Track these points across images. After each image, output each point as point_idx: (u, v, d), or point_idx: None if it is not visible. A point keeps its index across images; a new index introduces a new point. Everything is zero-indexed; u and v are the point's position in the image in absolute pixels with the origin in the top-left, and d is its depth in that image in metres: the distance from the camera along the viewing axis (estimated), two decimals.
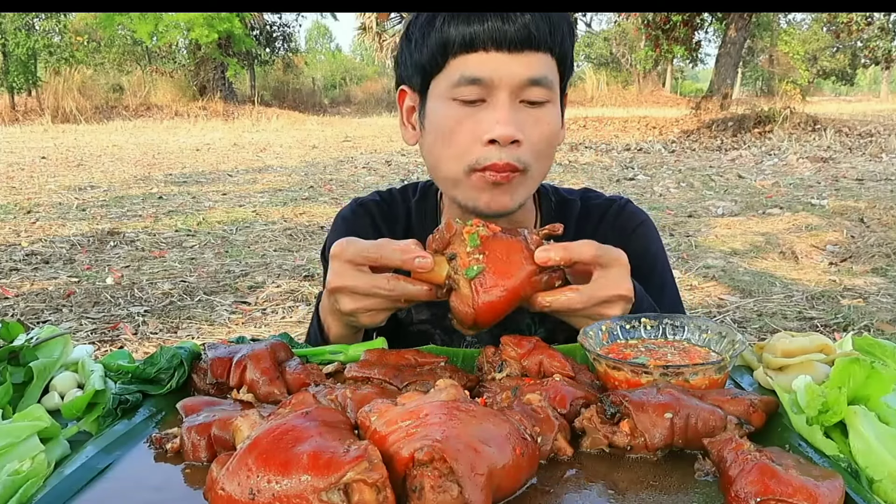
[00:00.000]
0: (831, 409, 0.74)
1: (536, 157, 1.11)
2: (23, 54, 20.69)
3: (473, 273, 0.90)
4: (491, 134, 1.05)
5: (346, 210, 1.38)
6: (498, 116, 1.05)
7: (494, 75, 1.05)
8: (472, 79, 1.06)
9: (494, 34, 1.04)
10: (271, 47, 28.18)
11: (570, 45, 1.14)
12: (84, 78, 21.81)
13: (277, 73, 28.45)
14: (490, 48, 1.05)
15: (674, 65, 35.50)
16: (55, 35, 22.31)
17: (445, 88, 1.09)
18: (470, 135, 1.08)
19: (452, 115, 1.09)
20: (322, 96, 29.51)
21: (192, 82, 24.00)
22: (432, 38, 1.08)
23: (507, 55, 1.05)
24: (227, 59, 23.81)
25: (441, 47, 1.08)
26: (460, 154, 1.09)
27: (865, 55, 29.78)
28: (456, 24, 1.06)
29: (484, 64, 1.05)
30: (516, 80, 1.06)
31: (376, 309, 0.96)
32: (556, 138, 1.15)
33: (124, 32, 24.61)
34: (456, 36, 1.06)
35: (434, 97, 1.12)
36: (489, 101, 1.07)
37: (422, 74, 1.13)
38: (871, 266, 4.76)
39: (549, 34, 1.07)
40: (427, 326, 1.27)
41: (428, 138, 1.15)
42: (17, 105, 21.13)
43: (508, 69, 1.05)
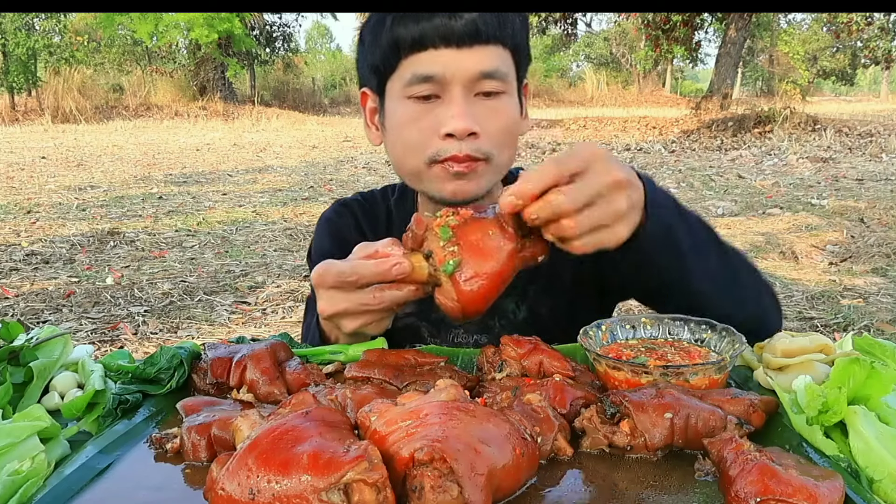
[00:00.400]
0: (831, 409, 0.74)
1: (497, 146, 1.12)
2: (23, 54, 20.68)
3: (451, 268, 0.87)
4: (447, 128, 1.07)
5: (330, 211, 1.40)
6: (453, 111, 1.07)
7: (446, 71, 1.07)
8: (424, 76, 1.07)
9: (442, 31, 1.05)
10: (271, 47, 28.18)
11: (523, 37, 1.15)
12: (84, 78, 21.80)
13: (277, 73, 28.44)
14: (439, 45, 1.06)
15: (674, 65, 35.50)
16: (55, 35, 22.30)
17: (400, 88, 1.11)
18: (427, 131, 1.09)
19: (409, 113, 1.10)
20: (322, 96, 29.48)
21: (192, 82, 23.99)
22: (383, 39, 1.10)
23: (457, 51, 1.06)
24: (227, 59, 23.81)
25: (392, 48, 1.09)
26: (420, 149, 1.11)
27: (865, 55, 29.77)
28: (405, 24, 1.07)
29: (434, 61, 1.07)
30: (468, 74, 1.07)
31: (376, 320, 0.96)
32: (516, 127, 1.16)
33: (124, 32, 24.60)
34: (405, 35, 1.07)
35: (391, 97, 1.14)
36: (444, 96, 1.08)
37: (377, 76, 1.15)
38: (871, 266, 4.76)
39: (499, 27, 1.08)
40: (413, 320, 1.28)
41: (389, 137, 1.17)
42: (17, 105, 21.12)
43: (459, 64, 1.07)
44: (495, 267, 0.88)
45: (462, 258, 0.87)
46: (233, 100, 23.95)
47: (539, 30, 19.47)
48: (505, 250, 0.88)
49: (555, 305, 1.27)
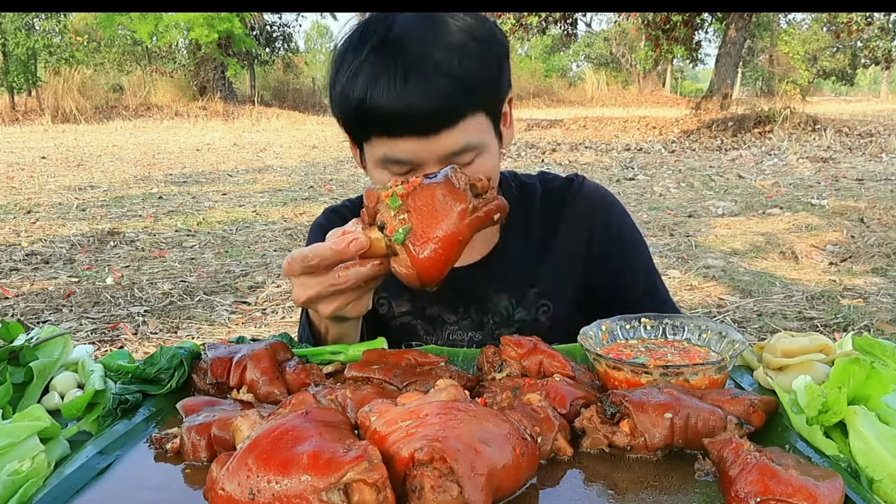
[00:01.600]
0: (831, 409, 0.74)
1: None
2: (23, 54, 20.68)
3: (402, 236, 0.87)
4: None
5: (321, 218, 1.43)
6: None
7: (415, 157, 1.06)
8: (395, 160, 1.07)
9: (405, 123, 1.03)
10: (271, 47, 28.18)
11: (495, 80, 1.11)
12: (84, 78, 21.80)
13: (277, 73, 28.44)
14: (406, 135, 1.04)
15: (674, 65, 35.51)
16: (55, 35, 22.30)
17: (374, 160, 1.10)
18: None
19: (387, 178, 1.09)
20: (322, 96, 29.44)
21: (192, 82, 23.99)
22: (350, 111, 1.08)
23: (424, 140, 1.04)
24: (227, 59, 23.81)
25: (360, 124, 1.09)
26: None
27: (865, 55, 29.75)
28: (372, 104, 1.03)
29: (404, 149, 1.06)
30: (438, 156, 1.06)
31: (351, 300, 0.96)
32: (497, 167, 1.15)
33: (124, 32, 24.61)
34: (371, 118, 1.05)
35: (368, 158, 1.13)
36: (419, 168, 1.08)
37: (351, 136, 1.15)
38: (871, 266, 4.76)
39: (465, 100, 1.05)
40: (409, 318, 1.29)
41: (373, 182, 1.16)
42: (17, 105, 21.13)
43: (429, 151, 1.05)
44: (447, 230, 0.87)
45: (412, 225, 0.87)
46: (233, 100, 23.95)
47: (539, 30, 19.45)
48: (455, 211, 0.88)
49: (555, 312, 1.28)
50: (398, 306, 1.29)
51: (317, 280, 0.93)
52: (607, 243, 1.27)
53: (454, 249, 0.88)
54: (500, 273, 1.26)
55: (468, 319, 1.27)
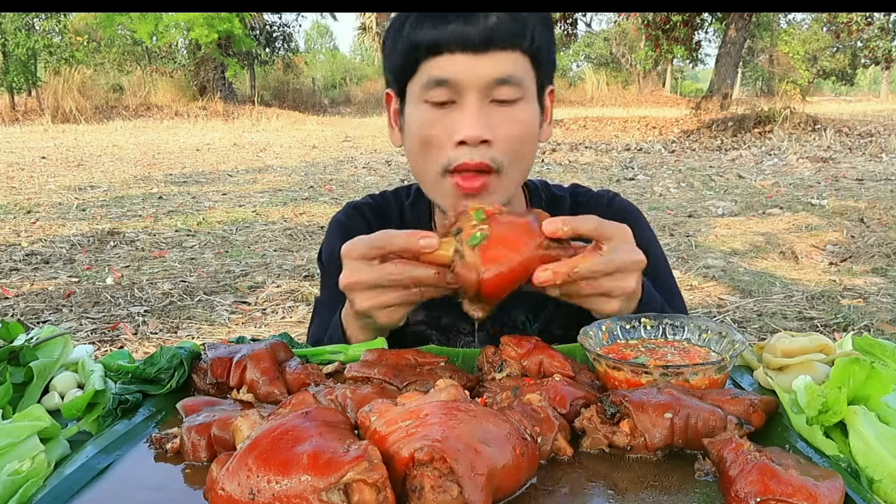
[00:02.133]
0: (831, 409, 0.74)
1: (510, 156, 1.11)
2: (23, 54, 20.68)
3: (477, 240, 0.88)
4: (459, 135, 1.07)
5: (341, 214, 1.39)
6: (466, 118, 1.07)
7: (461, 77, 1.07)
8: (439, 80, 1.08)
9: (458, 36, 1.05)
10: (271, 47, 28.18)
11: (545, 41, 1.13)
12: (84, 78, 21.80)
13: (277, 73, 28.45)
14: (455, 50, 1.06)
15: (674, 65, 35.50)
16: (55, 35, 22.30)
17: (417, 91, 1.11)
18: (442, 136, 1.09)
19: (425, 117, 1.11)
20: (322, 96, 29.50)
21: (192, 82, 24.00)
22: (401, 43, 1.11)
23: (473, 56, 1.06)
24: (227, 59, 23.82)
25: (410, 52, 1.10)
26: (434, 156, 1.11)
27: (865, 55, 29.78)
28: (422, 28, 1.07)
29: (450, 66, 1.07)
30: (483, 80, 1.07)
31: (391, 304, 0.96)
32: (532, 136, 1.15)
33: (124, 32, 24.61)
34: (422, 39, 1.07)
35: (409, 101, 1.14)
36: (459, 102, 1.08)
37: (397, 79, 1.15)
38: (871, 266, 4.76)
39: (516, 32, 1.08)
40: (423, 328, 1.28)
41: (407, 140, 1.17)
42: (17, 105, 21.12)
43: (474, 70, 1.06)
44: (520, 253, 0.89)
45: (490, 235, 0.89)
46: (233, 100, 23.96)
47: None
48: (532, 243, 0.90)
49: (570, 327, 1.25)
50: (413, 314, 1.26)
51: (370, 268, 0.93)
52: None
53: (518, 273, 0.89)
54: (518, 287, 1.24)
55: (483, 331, 1.26)
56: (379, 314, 0.97)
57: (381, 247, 0.93)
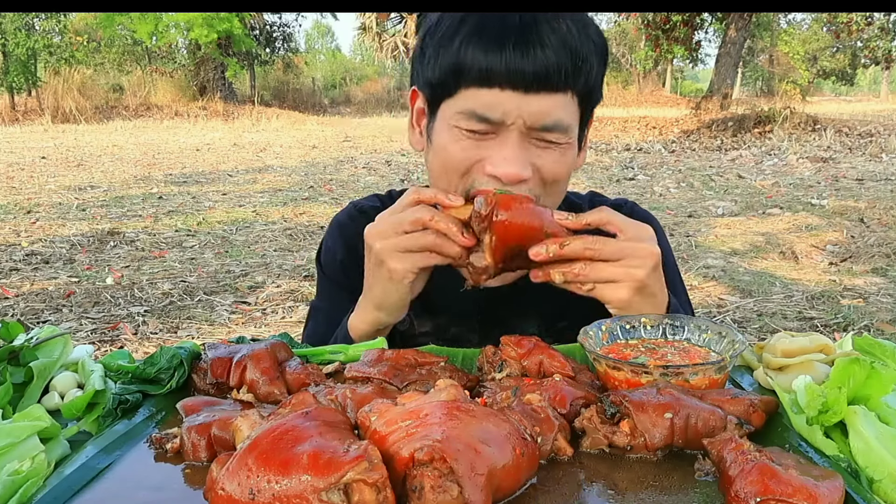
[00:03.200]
0: (831, 409, 0.74)
1: (542, 189, 1.06)
2: (23, 54, 20.69)
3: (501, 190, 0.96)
4: (496, 171, 1.01)
5: (343, 215, 1.36)
6: (506, 154, 1.00)
7: (507, 116, 0.99)
8: (482, 117, 1.00)
9: (511, 72, 0.97)
10: (271, 47, 28.19)
11: (598, 77, 1.05)
12: (84, 78, 21.81)
13: (277, 73, 28.46)
14: (505, 87, 0.98)
15: (674, 65, 35.52)
16: (55, 35, 22.32)
17: (453, 115, 1.03)
18: (474, 164, 1.04)
19: (459, 144, 1.04)
20: (322, 96, 29.51)
21: (192, 82, 24.00)
22: (446, 60, 1.02)
23: (523, 95, 0.98)
24: (227, 59, 23.82)
25: (454, 74, 1.01)
26: (456, 179, 1.06)
27: (865, 55, 29.78)
28: (473, 52, 0.98)
29: (497, 103, 0.99)
30: (529, 122, 1.00)
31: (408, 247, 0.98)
32: (569, 174, 1.11)
33: (124, 32, 24.61)
34: (471, 66, 0.99)
35: (442, 118, 1.06)
36: (499, 136, 1.02)
37: (432, 93, 1.08)
38: (871, 266, 4.76)
39: (572, 72, 0.99)
40: (429, 339, 1.24)
41: (431, 156, 1.11)
42: (17, 105, 21.13)
43: (521, 111, 0.99)
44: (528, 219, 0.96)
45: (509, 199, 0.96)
46: (233, 100, 23.96)
47: None
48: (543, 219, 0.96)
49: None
50: (420, 325, 1.25)
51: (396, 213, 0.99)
52: None
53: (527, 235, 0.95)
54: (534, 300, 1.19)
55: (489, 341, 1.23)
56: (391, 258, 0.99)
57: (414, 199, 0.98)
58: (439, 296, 1.12)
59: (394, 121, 21.74)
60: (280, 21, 28.06)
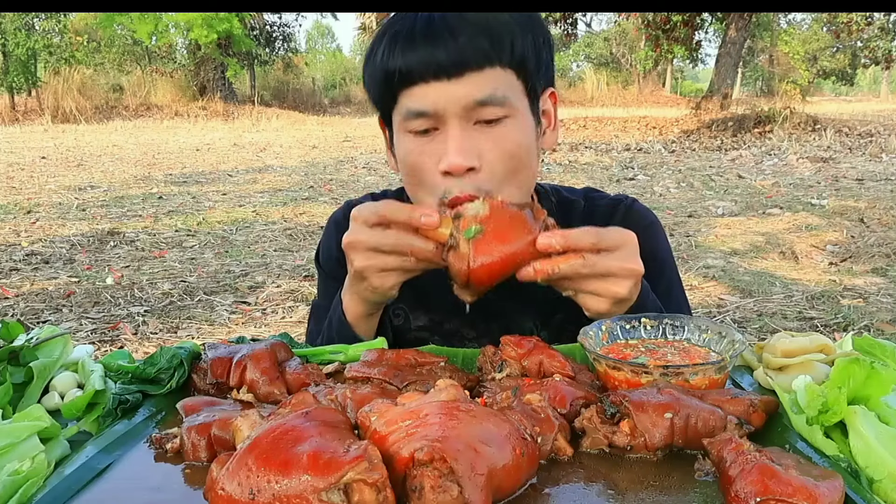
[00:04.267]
0: (831, 409, 0.74)
1: (500, 178, 1.06)
2: (23, 54, 20.69)
3: (472, 233, 0.91)
4: (443, 165, 1.03)
5: (339, 213, 1.37)
6: (448, 146, 1.03)
7: (437, 105, 1.03)
8: (417, 112, 1.04)
9: (427, 63, 1.01)
10: (271, 47, 28.19)
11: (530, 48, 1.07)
12: (84, 78, 21.81)
13: (277, 74, 28.45)
14: (429, 79, 1.02)
15: (674, 65, 35.52)
16: (55, 35, 22.32)
17: (400, 121, 1.08)
18: (428, 165, 1.06)
19: (411, 148, 1.07)
20: (322, 96, 29.50)
21: (192, 82, 24.00)
22: (377, 74, 1.07)
23: (447, 83, 1.02)
24: (227, 59, 23.82)
25: (386, 83, 1.06)
26: (427, 188, 1.08)
27: (865, 55, 29.77)
28: (394, 58, 1.03)
29: (426, 95, 1.03)
30: (461, 104, 1.02)
31: (387, 267, 0.97)
32: (527, 151, 1.09)
33: (124, 32, 24.62)
34: (394, 70, 1.03)
35: (395, 130, 1.11)
36: (441, 129, 1.05)
37: (381, 111, 1.14)
38: (871, 266, 4.76)
39: (490, 49, 1.02)
40: (425, 334, 1.26)
41: (401, 171, 1.14)
42: (17, 105, 21.14)
43: (450, 96, 1.02)
44: (512, 248, 0.92)
45: (485, 228, 0.91)
46: (233, 100, 23.96)
47: None
48: (525, 240, 0.92)
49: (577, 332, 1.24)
50: (415, 319, 1.26)
51: (372, 231, 0.95)
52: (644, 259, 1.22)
53: (508, 265, 0.92)
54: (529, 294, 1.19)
55: (489, 337, 1.20)
56: (373, 276, 0.98)
57: (384, 215, 0.94)
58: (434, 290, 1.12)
59: None
60: (280, 21, 28.07)
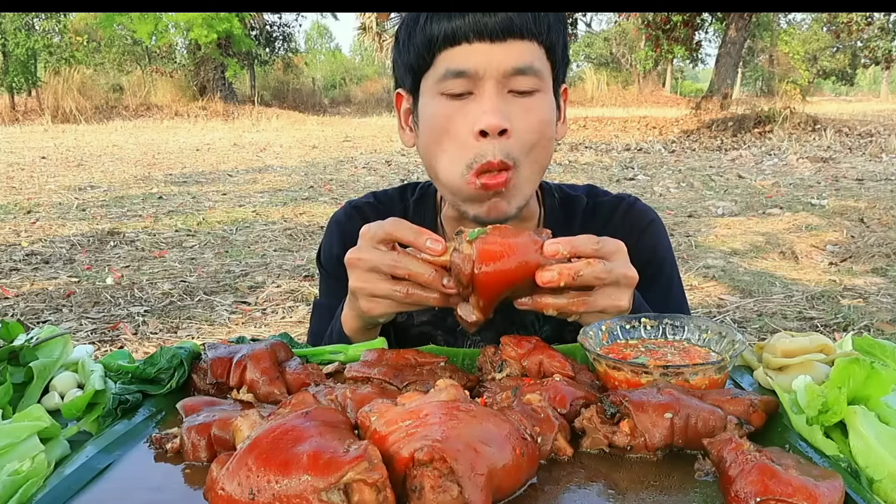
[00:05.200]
0: (831, 409, 0.74)
1: (527, 149, 1.09)
2: (23, 54, 20.70)
3: (475, 235, 0.89)
4: (479, 124, 1.05)
5: (340, 213, 1.37)
6: (485, 107, 1.05)
7: (479, 66, 1.06)
8: (457, 71, 1.06)
9: (476, 25, 1.05)
10: (271, 47, 28.20)
11: (559, 35, 1.12)
12: (84, 78, 21.82)
13: (277, 74, 28.46)
14: (473, 39, 1.05)
15: (674, 65, 35.52)
16: (55, 35, 22.33)
17: (433, 84, 1.09)
18: (461, 128, 1.07)
19: (442, 110, 1.09)
20: (322, 96, 29.52)
21: (191, 82, 24.00)
22: (418, 36, 1.09)
23: (490, 45, 1.05)
24: (227, 59, 23.83)
25: (426, 44, 1.08)
26: (455, 151, 1.08)
27: (865, 55, 29.79)
28: (439, 20, 1.07)
29: (468, 56, 1.06)
30: (501, 69, 1.06)
31: (376, 294, 0.95)
32: (549, 129, 1.13)
33: (124, 32, 24.62)
34: (439, 31, 1.07)
35: (425, 94, 1.12)
36: (476, 92, 1.07)
37: (412, 74, 1.13)
38: (871, 266, 4.76)
39: (533, 22, 1.07)
40: (429, 328, 1.26)
41: (422, 137, 1.15)
42: (17, 105, 21.14)
43: (492, 59, 1.05)
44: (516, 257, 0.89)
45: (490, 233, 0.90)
46: (233, 100, 23.96)
47: None
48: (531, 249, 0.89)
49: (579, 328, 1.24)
50: (418, 315, 1.26)
51: (375, 250, 0.94)
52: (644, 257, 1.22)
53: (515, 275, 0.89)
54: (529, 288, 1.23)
55: (492, 331, 1.21)
56: (363, 299, 0.97)
57: (390, 232, 0.93)
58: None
59: (394, 121, 21.46)
60: (280, 21, 28.08)
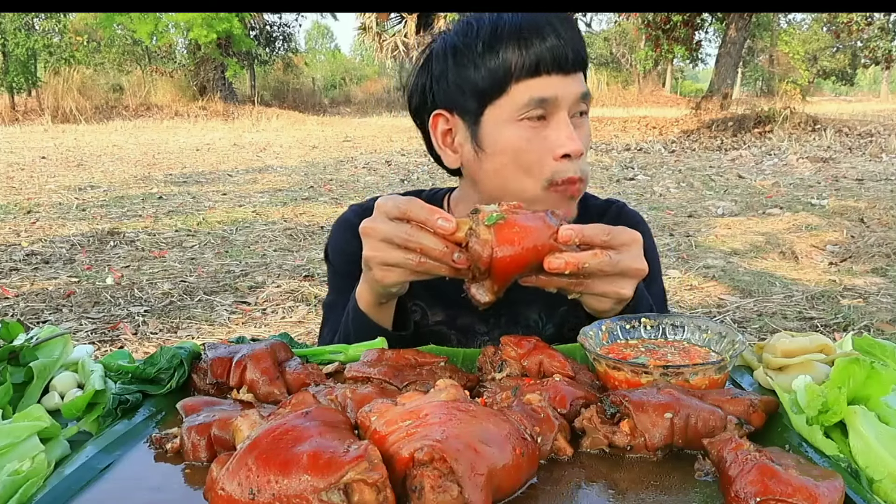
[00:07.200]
0: (831, 409, 0.74)
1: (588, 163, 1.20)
2: (23, 54, 20.70)
3: (493, 220, 0.91)
4: (564, 149, 1.13)
5: (349, 213, 1.38)
6: (566, 133, 1.14)
7: (557, 95, 1.13)
8: (541, 100, 1.13)
9: (556, 60, 1.13)
10: (271, 47, 28.20)
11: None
12: (84, 78, 21.82)
13: (277, 73, 28.47)
14: (552, 71, 1.13)
15: (674, 65, 35.53)
16: (55, 35, 22.33)
17: (511, 111, 1.14)
18: (540, 152, 1.14)
19: (523, 135, 1.14)
20: (322, 96, 29.52)
21: (191, 82, 24.00)
22: (490, 63, 1.14)
23: (564, 76, 1.14)
24: (227, 59, 23.83)
25: (504, 72, 1.13)
26: (535, 171, 1.15)
27: (865, 55, 29.79)
28: (516, 49, 1.12)
29: (549, 87, 1.13)
30: (573, 97, 1.15)
31: (390, 262, 0.97)
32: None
33: (124, 32, 24.63)
34: (519, 61, 1.12)
35: (495, 120, 1.16)
36: (550, 119, 1.14)
37: (478, 99, 1.17)
38: (871, 266, 4.76)
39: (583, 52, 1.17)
40: (442, 328, 1.29)
41: (495, 161, 1.18)
42: (17, 105, 21.14)
43: (567, 89, 1.14)
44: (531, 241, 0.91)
45: (507, 218, 0.91)
46: (233, 100, 23.96)
47: None
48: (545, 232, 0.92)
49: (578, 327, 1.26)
50: (433, 315, 1.30)
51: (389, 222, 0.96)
52: None
53: (530, 258, 0.91)
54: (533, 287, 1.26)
55: (498, 330, 1.27)
56: (377, 268, 0.99)
57: (405, 210, 0.95)
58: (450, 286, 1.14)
59: (394, 121, 21.74)
60: (280, 21, 28.09)
